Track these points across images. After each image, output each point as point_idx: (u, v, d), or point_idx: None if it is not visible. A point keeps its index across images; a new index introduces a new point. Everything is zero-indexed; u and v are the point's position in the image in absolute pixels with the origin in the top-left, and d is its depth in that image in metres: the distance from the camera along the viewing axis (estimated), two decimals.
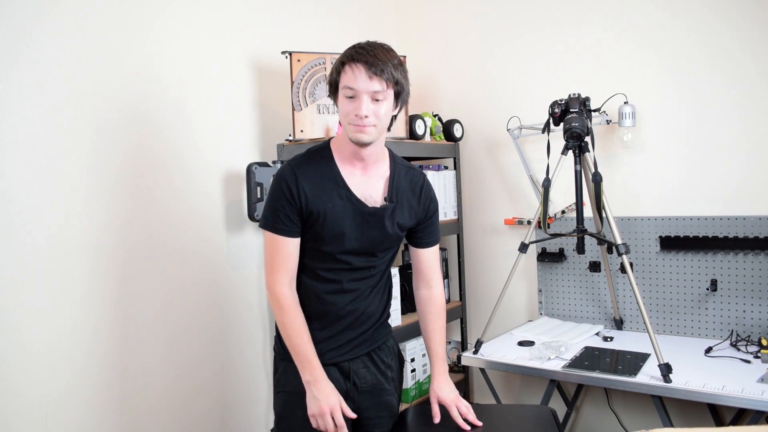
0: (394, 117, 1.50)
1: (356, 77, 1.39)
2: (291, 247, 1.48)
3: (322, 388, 1.44)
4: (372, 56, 1.39)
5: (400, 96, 1.46)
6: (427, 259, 1.65)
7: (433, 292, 1.67)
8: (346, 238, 1.48)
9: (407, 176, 1.57)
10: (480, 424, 1.45)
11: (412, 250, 1.67)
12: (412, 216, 1.57)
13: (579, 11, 2.58)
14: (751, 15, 2.22)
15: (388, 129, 1.49)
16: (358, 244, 1.50)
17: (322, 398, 1.43)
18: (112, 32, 1.94)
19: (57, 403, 1.77)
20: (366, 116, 1.39)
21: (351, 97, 1.40)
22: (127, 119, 1.98)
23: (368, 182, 1.51)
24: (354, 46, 1.43)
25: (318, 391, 1.44)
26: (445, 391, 1.58)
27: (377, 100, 1.40)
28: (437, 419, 1.56)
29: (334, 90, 1.46)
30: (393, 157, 1.58)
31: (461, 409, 1.55)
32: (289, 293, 1.49)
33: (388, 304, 1.64)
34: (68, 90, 1.83)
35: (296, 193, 1.45)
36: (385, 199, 1.51)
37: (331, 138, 1.58)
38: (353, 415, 1.48)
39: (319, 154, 1.51)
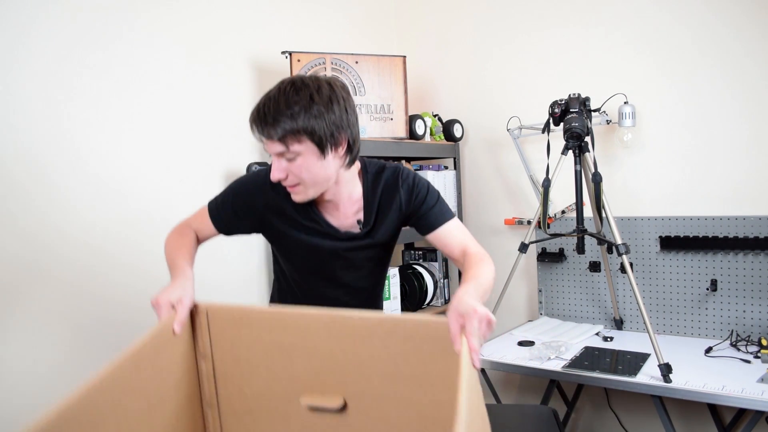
0: (347, 154, 1.29)
1: (258, 140, 1.26)
2: (202, 219, 1.45)
3: (173, 282, 1.22)
4: (262, 113, 1.21)
5: (323, 142, 1.23)
6: (445, 236, 1.39)
7: (474, 256, 1.31)
8: (310, 260, 1.42)
9: (383, 186, 1.40)
10: (478, 366, 0.97)
11: (429, 239, 1.44)
12: (397, 220, 1.42)
13: (579, 11, 2.58)
14: (751, 15, 2.22)
15: (349, 164, 1.32)
16: (320, 267, 1.42)
17: (163, 290, 1.18)
18: (111, 32, 1.94)
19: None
20: (280, 179, 1.26)
21: (270, 156, 1.27)
22: (126, 119, 1.98)
23: (345, 218, 1.40)
24: (260, 100, 1.25)
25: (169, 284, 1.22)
26: (461, 302, 1.03)
27: (289, 159, 1.24)
28: (456, 345, 0.99)
29: None
30: (365, 170, 1.41)
31: (472, 328, 0.98)
32: (190, 235, 1.42)
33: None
34: (68, 90, 1.83)
35: (252, 206, 1.38)
36: (359, 223, 1.40)
37: None
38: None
39: None
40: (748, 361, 2.01)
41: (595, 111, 2.29)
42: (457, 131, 2.82)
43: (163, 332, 1.11)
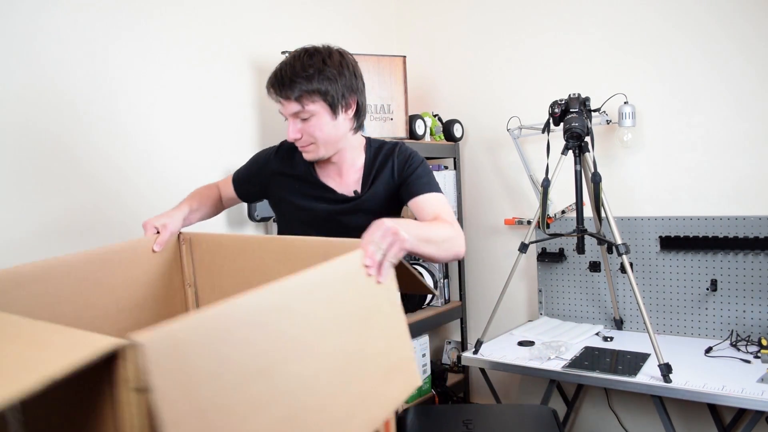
0: (357, 115, 1.39)
1: (276, 103, 1.36)
2: (224, 183, 1.60)
3: (165, 212, 1.40)
4: (279, 77, 1.32)
5: (335, 103, 1.32)
6: (423, 204, 1.36)
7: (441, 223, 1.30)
8: (304, 216, 1.48)
9: (382, 156, 1.46)
10: (380, 280, 0.97)
11: (409, 207, 1.42)
12: (393, 185, 1.44)
13: (579, 11, 2.58)
14: (750, 16, 2.22)
15: (356, 129, 1.41)
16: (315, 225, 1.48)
17: (154, 217, 1.36)
18: (112, 32, 1.94)
19: None
20: (296, 139, 1.35)
21: (285, 119, 1.37)
22: (126, 119, 1.98)
23: (344, 183, 1.46)
24: (284, 60, 1.35)
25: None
26: (378, 222, 1.02)
27: (304, 119, 1.33)
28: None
29: None
30: (369, 145, 1.49)
31: (372, 236, 1.00)
32: (214, 191, 1.59)
33: None
34: (67, 89, 1.83)
35: (265, 171, 1.50)
36: (355, 192, 1.45)
37: None
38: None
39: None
40: (748, 361, 2.01)
41: (595, 111, 2.29)
42: (457, 131, 2.82)
43: (143, 245, 1.28)
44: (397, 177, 1.44)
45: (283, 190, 1.49)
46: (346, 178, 1.46)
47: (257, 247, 1.24)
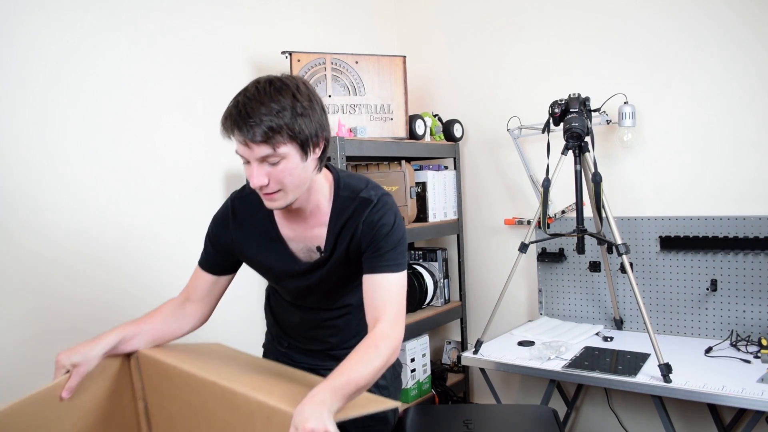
0: (322, 157, 1.23)
1: (238, 144, 1.15)
2: (198, 273, 1.41)
3: (84, 342, 1.25)
4: (244, 114, 1.11)
5: (305, 145, 1.16)
6: (374, 286, 1.26)
7: (374, 332, 1.20)
8: (288, 290, 1.41)
9: (350, 212, 1.30)
10: None
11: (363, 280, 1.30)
12: (355, 250, 1.31)
13: (580, 12, 2.58)
14: (750, 16, 2.22)
15: (320, 169, 1.25)
16: (301, 297, 1.42)
17: (69, 350, 1.22)
18: (112, 32, 1.94)
19: None
20: (262, 185, 1.16)
21: (246, 162, 1.18)
22: (126, 119, 1.98)
23: (308, 231, 1.32)
24: (235, 99, 1.17)
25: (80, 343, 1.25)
26: (301, 412, 0.98)
27: (272, 164, 1.15)
28: None
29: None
30: (337, 190, 1.31)
31: None
32: (172, 299, 1.42)
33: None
34: (66, 89, 1.83)
35: (224, 240, 1.37)
36: (319, 250, 1.32)
37: None
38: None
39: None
40: (748, 361, 2.01)
41: (595, 111, 2.29)
42: (457, 131, 2.82)
43: (49, 392, 1.17)
44: (361, 244, 1.28)
45: (250, 249, 1.37)
46: (309, 221, 1.31)
47: (201, 387, 1.17)
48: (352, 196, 1.30)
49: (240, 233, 1.36)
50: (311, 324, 1.46)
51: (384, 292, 1.25)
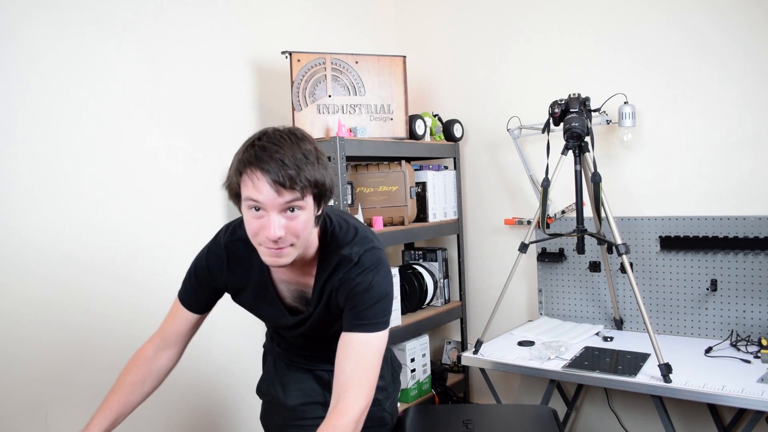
0: (318, 217, 1.19)
1: (259, 189, 1.07)
2: (177, 310, 1.36)
3: None
4: (277, 159, 1.06)
5: (323, 197, 1.15)
6: (346, 348, 1.20)
7: (336, 408, 1.15)
8: (281, 336, 1.44)
9: (334, 265, 1.25)
10: None
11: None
12: (335, 306, 1.29)
13: (579, 11, 2.58)
14: (749, 16, 2.22)
15: (318, 223, 1.22)
16: (295, 342, 1.44)
17: None
18: (112, 33, 1.94)
19: (57, 403, 1.78)
20: (279, 238, 1.10)
21: (257, 211, 1.10)
22: (126, 119, 1.98)
23: (301, 278, 1.30)
24: (253, 143, 1.10)
25: None
26: None
27: (291, 211, 1.10)
28: None
29: (234, 196, 1.14)
30: (323, 243, 1.27)
31: None
32: (145, 347, 1.35)
33: None
34: (66, 89, 1.83)
35: (216, 284, 1.33)
36: (307, 302, 1.32)
37: None
38: None
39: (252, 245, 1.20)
40: (748, 361, 2.01)
41: (595, 111, 2.29)
42: (457, 131, 2.82)
43: None
44: (342, 301, 1.25)
45: (243, 295, 1.35)
46: (302, 275, 1.29)
47: None
48: (336, 251, 1.25)
49: (234, 279, 1.32)
50: (310, 348, 1.48)
51: (355, 355, 1.20)
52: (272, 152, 1.07)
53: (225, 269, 1.32)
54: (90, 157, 1.88)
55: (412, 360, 2.54)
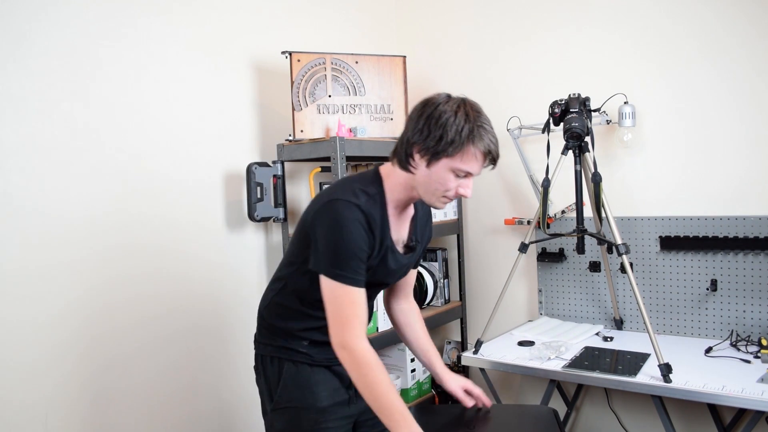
0: None
1: (477, 163, 1.38)
2: (362, 297, 1.35)
3: None
4: (491, 143, 1.40)
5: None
6: (411, 277, 1.68)
7: (412, 305, 1.71)
8: (381, 284, 1.53)
9: (422, 207, 1.59)
10: (489, 403, 1.66)
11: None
12: (423, 245, 1.60)
13: (579, 11, 2.58)
14: (750, 15, 2.22)
15: None
16: (383, 283, 1.54)
17: None
18: (112, 32, 1.94)
19: (57, 403, 1.78)
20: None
21: (460, 176, 1.39)
22: (126, 119, 1.98)
23: (401, 226, 1.50)
24: (480, 123, 1.42)
25: None
26: (462, 380, 1.65)
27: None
28: (471, 403, 1.65)
29: (434, 154, 1.36)
30: None
31: (478, 393, 1.65)
32: (369, 347, 1.33)
33: None
34: (66, 90, 1.83)
35: (371, 240, 1.36)
36: (411, 243, 1.52)
37: (379, 170, 1.49)
38: None
39: (378, 196, 1.40)
40: (748, 361, 2.01)
41: (595, 111, 2.29)
42: None
43: None
44: (426, 236, 1.62)
45: (379, 252, 1.41)
46: (403, 221, 1.51)
47: None
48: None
49: (372, 238, 1.37)
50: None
51: (413, 280, 1.73)
52: (490, 135, 1.41)
53: (372, 230, 1.37)
54: (89, 157, 1.88)
55: (412, 360, 2.54)
